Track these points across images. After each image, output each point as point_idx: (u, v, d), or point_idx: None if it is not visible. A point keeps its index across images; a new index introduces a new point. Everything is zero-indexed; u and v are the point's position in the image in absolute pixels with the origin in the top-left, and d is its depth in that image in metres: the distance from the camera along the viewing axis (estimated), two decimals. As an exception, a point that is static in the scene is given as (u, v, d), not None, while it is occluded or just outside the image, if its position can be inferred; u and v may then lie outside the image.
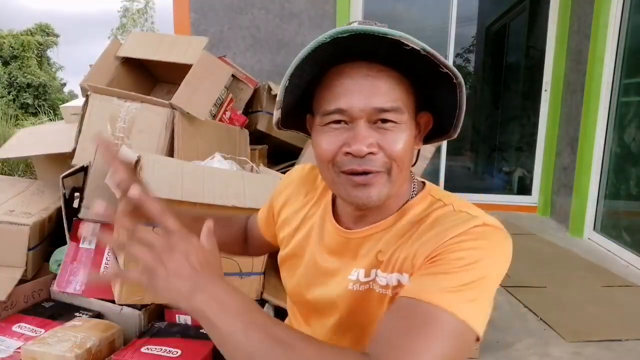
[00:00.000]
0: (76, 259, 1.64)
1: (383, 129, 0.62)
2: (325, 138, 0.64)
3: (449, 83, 0.62)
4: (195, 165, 1.52)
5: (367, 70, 0.61)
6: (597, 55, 3.11)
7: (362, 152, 0.60)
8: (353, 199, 0.64)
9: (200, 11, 3.96)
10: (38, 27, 21.42)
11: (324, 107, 0.63)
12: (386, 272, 0.66)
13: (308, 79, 0.64)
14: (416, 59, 0.59)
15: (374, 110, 0.61)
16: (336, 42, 0.58)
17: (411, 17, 4.73)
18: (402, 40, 0.56)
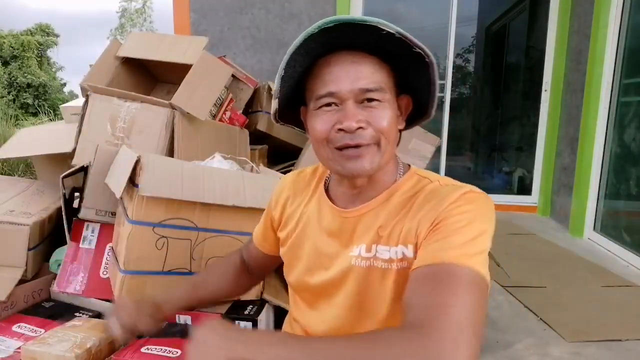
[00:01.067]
0: (76, 259, 1.63)
1: (369, 107, 0.70)
2: (319, 120, 0.72)
3: (423, 62, 0.70)
4: (195, 165, 1.52)
5: (351, 58, 0.70)
6: (597, 55, 3.11)
7: (352, 127, 0.68)
8: (348, 171, 0.71)
9: (200, 11, 3.96)
10: (38, 27, 21.42)
11: (317, 93, 0.71)
12: (388, 245, 0.72)
13: (300, 69, 0.72)
14: (393, 43, 0.67)
15: (360, 91, 0.69)
16: (323, 34, 0.66)
17: (411, 17, 4.73)
18: (379, 26, 0.65)
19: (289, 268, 0.88)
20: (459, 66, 4.96)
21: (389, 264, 0.72)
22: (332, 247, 0.79)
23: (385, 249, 0.72)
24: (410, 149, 2.07)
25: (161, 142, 1.87)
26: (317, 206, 0.83)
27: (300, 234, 0.85)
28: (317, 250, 0.81)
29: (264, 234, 0.97)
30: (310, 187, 0.87)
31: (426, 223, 0.68)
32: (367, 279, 0.74)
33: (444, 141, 4.18)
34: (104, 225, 1.66)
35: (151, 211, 1.38)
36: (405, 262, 0.70)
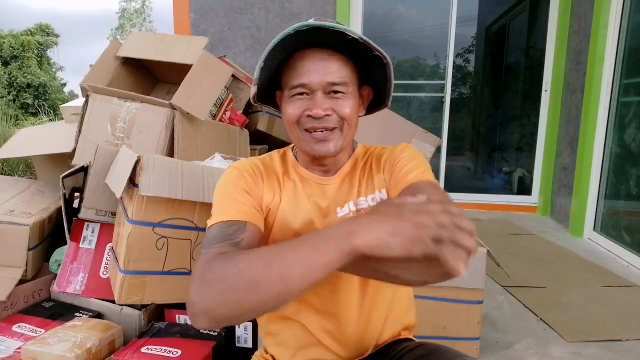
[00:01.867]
0: (76, 259, 1.64)
1: (335, 98, 0.83)
2: (291, 105, 0.84)
3: (381, 63, 0.83)
4: (195, 165, 1.52)
5: (321, 55, 0.82)
6: (597, 55, 3.11)
7: (320, 114, 0.81)
8: (316, 152, 0.85)
9: (200, 11, 3.96)
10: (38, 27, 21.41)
11: (291, 83, 0.83)
12: (367, 195, 0.89)
13: (277, 61, 0.83)
14: (357, 45, 0.79)
15: (327, 83, 0.81)
16: (298, 34, 0.77)
17: (411, 17, 4.73)
18: (346, 32, 0.77)
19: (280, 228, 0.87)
20: (459, 66, 4.95)
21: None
22: (322, 203, 0.88)
23: (363, 199, 0.89)
24: (410, 149, 2.06)
25: (161, 142, 1.87)
26: (294, 183, 0.90)
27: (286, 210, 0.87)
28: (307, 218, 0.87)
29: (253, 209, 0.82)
30: (278, 171, 0.92)
31: (388, 171, 0.89)
32: None
33: (444, 141, 4.18)
34: (104, 225, 1.66)
35: (151, 211, 1.38)
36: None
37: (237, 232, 0.76)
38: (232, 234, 0.75)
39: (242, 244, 0.74)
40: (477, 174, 5.40)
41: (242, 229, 0.77)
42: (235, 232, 0.76)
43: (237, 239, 0.74)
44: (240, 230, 0.76)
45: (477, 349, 1.63)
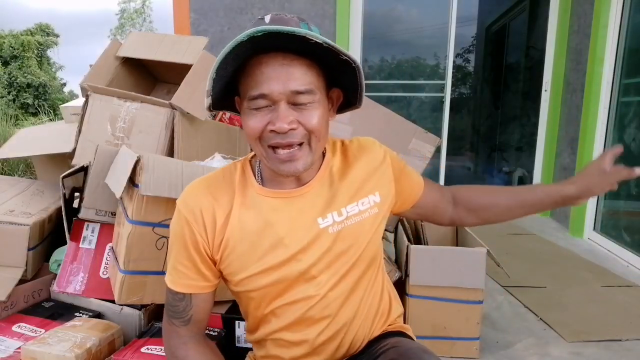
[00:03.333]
0: (76, 259, 1.63)
1: (300, 108, 0.74)
2: (252, 119, 0.75)
3: (350, 67, 0.74)
4: (195, 165, 1.52)
5: (282, 60, 0.72)
6: (597, 55, 3.11)
7: (284, 129, 0.72)
8: (283, 172, 0.77)
9: (200, 11, 3.96)
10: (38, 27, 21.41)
11: (249, 93, 0.73)
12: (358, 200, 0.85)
13: (232, 70, 0.74)
14: (322, 49, 0.70)
15: (291, 92, 0.72)
16: (253, 40, 0.67)
17: (411, 17, 4.73)
18: (307, 37, 0.67)
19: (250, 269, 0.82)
20: (459, 66, 4.96)
21: (360, 216, 0.85)
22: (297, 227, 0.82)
23: (353, 206, 0.84)
24: (410, 149, 2.06)
25: (161, 142, 1.87)
26: (256, 200, 0.82)
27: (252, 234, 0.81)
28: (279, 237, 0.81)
29: (200, 273, 0.83)
30: (234, 185, 0.84)
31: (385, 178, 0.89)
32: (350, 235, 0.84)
33: (444, 141, 4.18)
34: (104, 225, 1.66)
35: (151, 211, 1.38)
36: (375, 207, 0.87)
37: (186, 309, 0.84)
38: (182, 311, 0.84)
39: (192, 321, 0.85)
40: (477, 174, 5.41)
41: (189, 305, 0.84)
42: (185, 309, 0.84)
43: (186, 316, 0.84)
44: (188, 307, 0.84)
45: (477, 349, 1.63)
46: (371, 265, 0.89)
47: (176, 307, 0.85)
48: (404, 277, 1.64)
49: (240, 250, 0.81)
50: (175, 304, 0.85)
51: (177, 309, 0.85)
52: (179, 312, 0.85)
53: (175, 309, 0.85)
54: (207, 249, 0.82)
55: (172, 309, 0.85)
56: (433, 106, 4.36)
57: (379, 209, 0.87)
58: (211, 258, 0.83)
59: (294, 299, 0.84)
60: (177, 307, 0.84)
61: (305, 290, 0.83)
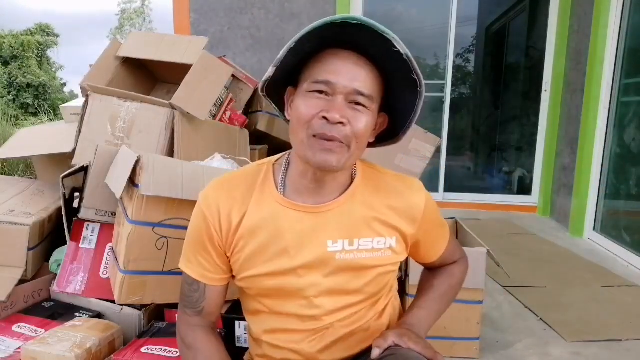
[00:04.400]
0: (76, 259, 1.63)
1: (355, 109, 0.75)
2: (307, 102, 0.75)
3: (413, 89, 0.76)
4: (195, 165, 1.52)
5: (356, 59, 0.75)
6: (597, 55, 3.11)
7: (336, 119, 0.72)
8: (317, 160, 0.75)
9: (200, 11, 3.96)
10: (38, 27, 21.41)
11: (315, 77, 0.75)
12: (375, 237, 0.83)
13: (306, 50, 0.75)
14: (395, 61, 0.72)
15: (353, 90, 0.74)
16: (338, 27, 0.70)
17: (411, 17, 4.73)
18: (393, 42, 0.70)
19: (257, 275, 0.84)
20: (459, 66, 4.95)
21: (372, 253, 0.83)
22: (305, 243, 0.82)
23: (367, 240, 0.83)
24: (410, 149, 2.07)
25: (161, 142, 1.87)
26: (272, 205, 0.83)
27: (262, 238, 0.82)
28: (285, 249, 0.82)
29: (215, 266, 0.86)
30: (254, 188, 0.84)
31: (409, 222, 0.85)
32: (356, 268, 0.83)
33: (444, 141, 4.18)
34: (104, 225, 1.66)
35: (151, 211, 1.38)
36: (389, 251, 0.84)
37: (199, 300, 0.88)
38: (195, 302, 0.88)
39: (203, 313, 0.89)
40: (477, 174, 5.40)
41: (202, 296, 0.88)
42: (198, 300, 0.88)
43: (199, 307, 0.89)
44: (201, 299, 0.88)
45: (477, 349, 1.63)
46: (374, 297, 0.89)
47: (191, 297, 0.89)
48: (404, 277, 1.64)
49: (248, 251, 0.83)
50: (190, 294, 0.89)
51: (192, 299, 0.89)
52: (193, 302, 0.89)
53: (190, 299, 0.89)
54: (220, 244, 0.85)
55: (187, 299, 0.90)
56: (433, 106, 4.36)
57: (393, 253, 0.85)
58: (224, 253, 0.86)
59: (291, 311, 0.85)
60: (192, 297, 0.89)
61: (302, 308, 0.84)
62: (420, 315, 0.92)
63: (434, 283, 0.99)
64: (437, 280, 0.99)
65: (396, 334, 0.82)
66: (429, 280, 1.00)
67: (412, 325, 0.88)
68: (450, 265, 1.01)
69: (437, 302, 0.97)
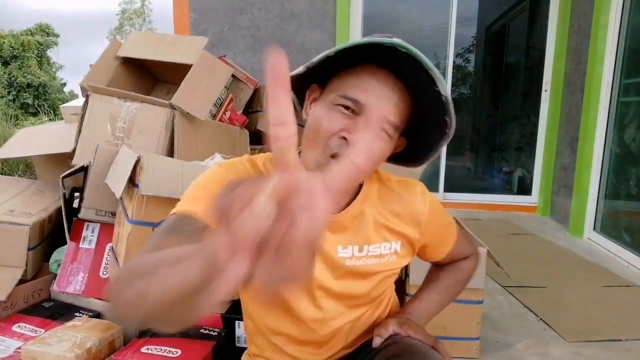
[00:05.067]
0: (76, 259, 1.64)
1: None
2: (329, 115, 0.69)
3: (443, 130, 0.71)
4: (195, 165, 1.52)
5: (393, 85, 0.69)
6: (597, 55, 3.11)
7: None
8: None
9: (200, 11, 3.96)
10: (38, 27, 21.42)
11: (344, 91, 0.69)
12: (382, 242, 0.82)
13: (344, 60, 0.70)
14: (433, 100, 0.67)
15: (383, 118, 0.68)
16: (382, 48, 0.64)
17: (411, 17, 4.73)
18: (436, 82, 0.66)
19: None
20: (459, 66, 4.95)
21: (379, 259, 0.82)
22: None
23: (376, 247, 0.81)
24: (410, 149, 2.07)
25: (161, 142, 1.87)
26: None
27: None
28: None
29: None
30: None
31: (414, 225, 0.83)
32: (364, 273, 0.82)
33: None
34: (104, 225, 1.66)
35: (151, 211, 1.38)
36: (394, 256, 0.84)
37: (190, 230, 0.62)
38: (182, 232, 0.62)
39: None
40: (477, 174, 5.41)
41: (196, 227, 0.63)
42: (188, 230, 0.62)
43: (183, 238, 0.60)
44: (195, 230, 0.62)
45: (477, 349, 1.63)
46: (376, 300, 0.90)
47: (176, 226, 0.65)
48: (404, 277, 1.64)
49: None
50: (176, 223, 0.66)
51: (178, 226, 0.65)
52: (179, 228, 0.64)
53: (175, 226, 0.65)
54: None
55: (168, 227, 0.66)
56: (433, 106, 4.35)
57: (397, 258, 0.85)
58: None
59: (293, 312, 0.84)
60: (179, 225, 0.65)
61: (305, 310, 0.83)
62: (420, 307, 0.94)
63: (439, 275, 1.00)
64: (443, 273, 1.00)
65: (396, 322, 0.83)
66: (436, 273, 1.01)
67: (412, 315, 0.90)
68: (459, 261, 1.01)
69: (440, 294, 0.98)
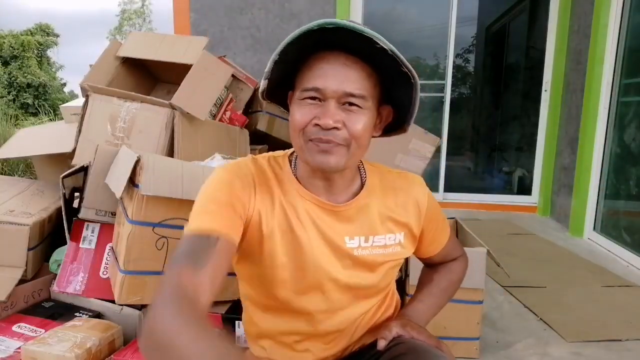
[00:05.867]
0: (76, 259, 1.64)
1: (348, 110, 0.74)
2: (300, 110, 0.75)
3: (408, 82, 0.74)
4: (195, 165, 1.52)
5: (344, 60, 0.73)
6: (597, 55, 3.11)
7: (329, 125, 0.72)
8: (316, 162, 0.75)
9: (200, 11, 3.96)
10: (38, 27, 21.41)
11: (304, 84, 0.74)
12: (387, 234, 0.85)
13: (293, 58, 0.75)
14: (384, 57, 0.71)
15: (344, 93, 0.72)
16: (320, 32, 0.69)
17: (411, 17, 4.73)
18: (374, 39, 0.68)
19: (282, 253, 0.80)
20: (459, 66, 4.95)
21: (384, 249, 0.85)
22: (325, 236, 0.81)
23: (381, 237, 0.84)
24: (410, 149, 2.07)
25: (161, 142, 1.87)
26: (293, 195, 0.81)
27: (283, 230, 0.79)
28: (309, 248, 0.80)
29: (232, 221, 0.74)
30: (276, 175, 0.82)
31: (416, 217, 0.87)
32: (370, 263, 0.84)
33: (444, 141, 4.18)
34: (104, 225, 1.66)
35: (151, 211, 1.38)
36: (398, 246, 0.86)
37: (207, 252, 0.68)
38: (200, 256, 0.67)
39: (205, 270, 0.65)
40: (477, 174, 5.41)
41: (213, 247, 0.68)
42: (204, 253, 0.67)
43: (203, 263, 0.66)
44: (211, 250, 0.68)
45: (477, 349, 1.63)
46: (383, 292, 0.92)
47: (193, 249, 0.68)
48: (404, 277, 1.64)
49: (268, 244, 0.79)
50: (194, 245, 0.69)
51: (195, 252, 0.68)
52: (197, 252, 0.68)
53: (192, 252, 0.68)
54: (245, 213, 0.77)
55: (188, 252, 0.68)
56: (433, 106, 4.36)
57: (402, 248, 0.87)
58: (245, 221, 0.77)
59: (300, 305, 0.83)
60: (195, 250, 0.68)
61: (315, 302, 0.83)
62: (419, 308, 0.95)
63: (433, 277, 1.01)
64: (436, 275, 1.01)
65: (399, 324, 0.84)
66: (429, 275, 1.02)
67: (412, 317, 0.91)
68: (450, 262, 1.02)
69: (437, 296, 0.99)
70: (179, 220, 1.42)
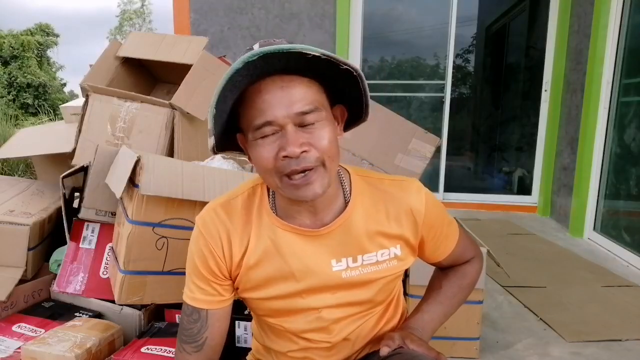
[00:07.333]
0: (76, 259, 1.63)
1: (309, 130, 0.70)
2: (262, 149, 0.71)
3: (352, 76, 0.71)
4: (195, 165, 1.52)
5: (280, 83, 0.69)
6: (597, 55, 3.11)
7: (296, 153, 0.69)
8: (302, 198, 0.72)
9: (200, 11, 3.97)
10: (38, 27, 21.40)
11: (254, 123, 0.70)
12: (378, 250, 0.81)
13: (231, 102, 0.71)
14: (320, 62, 0.67)
15: (296, 114, 0.69)
16: (248, 66, 0.66)
17: (411, 17, 4.73)
18: (304, 52, 0.65)
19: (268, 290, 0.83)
20: (459, 66, 4.95)
21: (377, 266, 0.82)
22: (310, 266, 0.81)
23: (371, 255, 0.81)
24: (410, 149, 2.07)
25: (161, 142, 1.87)
26: (272, 231, 0.81)
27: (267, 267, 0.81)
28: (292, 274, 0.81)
29: (217, 289, 0.83)
30: (252, 214, 0.82)
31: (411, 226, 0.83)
32: (363, 282, 0.83)
33: (444, 141, 4.18)
34: (104, 225, 1.66)
35: (151, 211, 1.38)
36: (395, 260, 0.83)
37: (201, 330, 0.83)
38: (196, 334, 0.83)
39: (205, 346, 0.83)
40: (477, 174, 5.40)
41: (204, 325, 0.83)
42: (199, 331, 0.83)
43: (200, 339, 0.83)
44: (202, 329, 0.83)
45: (477, 349, 1.63)
46: (382, 304, 0.90)
47: (190, 330, 0.84)
48: (404, 277, 1.64)
49: (254, 276, 0.82)
50: (189, 326, 0.84)
51: (192, 332, 0.83)
52: (193, 336, 0.83)
53: (189, 332, 0.84)
54: (224, 272, 0.82)
55: (186, 332, 0.84)
56: (433, 106, 4.36)
57: (399, 261, 0.84)
58: (227, 278, 0.83)
59: (300, 327, 0.85)
60: (192, 329, 0.83)
61: (310, 323, 0.84)
62: (423, 319, 0.92)
63: (442, 284, 0.96)
64: (446, 281, 0.97)
65: (399, 336, 0.83)
66: (439, 281, 0.98)
67: (415, 329, 0.89)
68: (462, 265, 0.97)
69: (444, 304, 0.95)
70: (179, 220, 1.42)
